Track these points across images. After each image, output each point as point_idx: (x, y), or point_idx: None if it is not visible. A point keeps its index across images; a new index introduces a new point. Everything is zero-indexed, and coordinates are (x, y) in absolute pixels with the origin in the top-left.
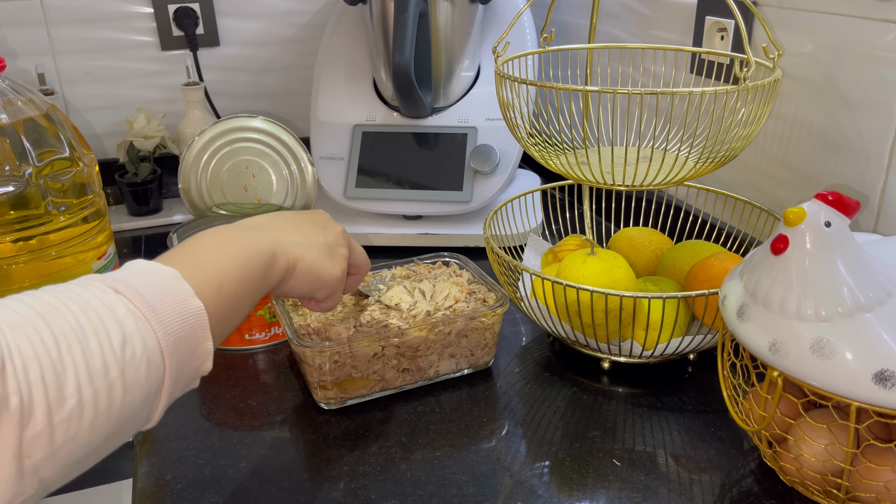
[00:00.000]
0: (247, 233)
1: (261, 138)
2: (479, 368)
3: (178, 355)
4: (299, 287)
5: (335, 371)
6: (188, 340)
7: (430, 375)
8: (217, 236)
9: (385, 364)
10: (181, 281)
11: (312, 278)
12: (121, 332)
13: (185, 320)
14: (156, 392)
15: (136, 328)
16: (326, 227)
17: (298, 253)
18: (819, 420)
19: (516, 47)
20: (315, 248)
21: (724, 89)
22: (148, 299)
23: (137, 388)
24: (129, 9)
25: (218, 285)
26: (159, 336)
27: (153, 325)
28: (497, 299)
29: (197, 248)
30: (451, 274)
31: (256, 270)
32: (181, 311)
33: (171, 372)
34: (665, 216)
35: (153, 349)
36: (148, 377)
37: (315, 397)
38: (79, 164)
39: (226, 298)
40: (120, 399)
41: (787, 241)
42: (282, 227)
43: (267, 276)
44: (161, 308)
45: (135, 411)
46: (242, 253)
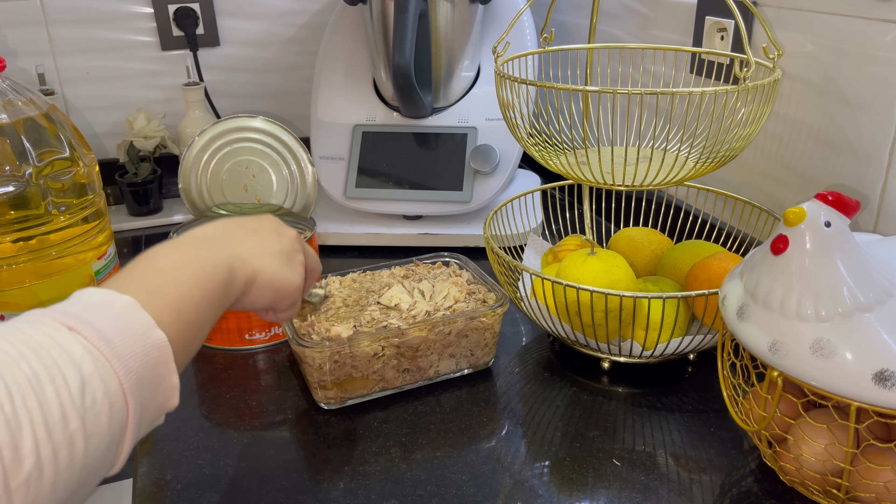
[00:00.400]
0: (201, 247)
1: (261, 138)
2: (479, 368)
3: (141, 394)
4: (260, 300)
5: (335, 371)
6: (152, 376)
7: (430, 375)
8: (171, 255)
9: (385, 364)
10: (139, 310)
11: (273, 290)
12: (79, 375)
13: (148, 355)
14: (119, 437)
15: (96, 369)
16: (281, 234)
17: (257, 265)
18: (819, 420)
19: (516, 47)
20: (273, 258)
21: (724, 89)
22: (105, 334)
23: (100, 436)
24: (129, 9)
25: (178, 311)
26: (121, 376)
27: (113, 363)
28: (497, 299)
29: (150, 270)
30: (450, 274)
31: (215, 290)
32: (142, 344)
33: (135, 413)
34: (665, 216)
35: (115, 391)
36: (110, 423)
37: (315, 397)
38: (79, 164)
39: (186, 324)
40: (81, 452)
41: (787, 241)
42: (236, 237)
43: (226, 292)
44: (120, 343)
45: (98, 461)
46: (200, 272)
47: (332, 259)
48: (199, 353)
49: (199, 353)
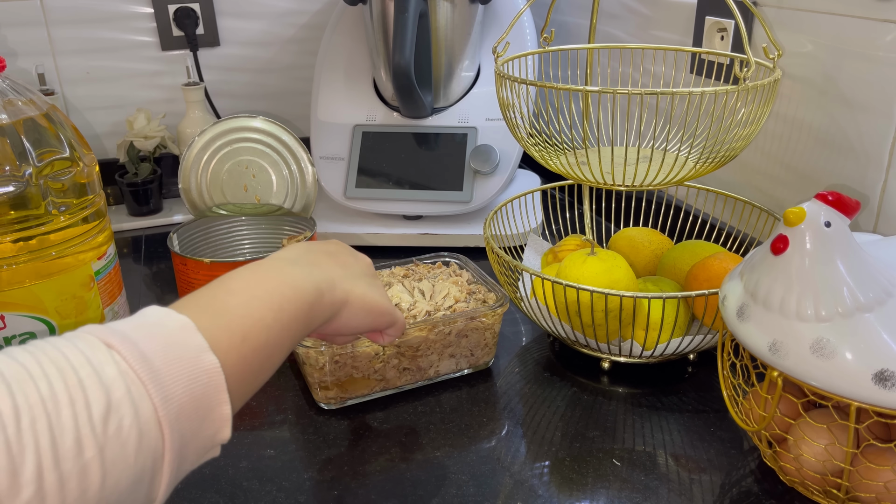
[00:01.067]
0: (285, 269)
1: (261, 138)
2: (479, 368)
3: (183, 425)
4: (356, 322)
5: (336, 371)
6: (198, 406)
7: (430, 375)
8: (247, 276)
9: (385, 364)
10: (194, 332)
11: (367, 310)
12: (105, 399)
13: (195, 381)
14: (152, 471)
15: (127, 392)
16: (357, 257)
17: (348, 287)
18: (819, 420)
19: (516, 47)
20: (361, 280)
21: (724, 89)
22: (147, 355)
23: (123, 468)
24: (129, 9)
25: (242, 335)
26: (156, 402)
27: (149, 388)
28: (497, 299)
29: (221, 291)
30: (450, 274)
31: (295, 313)
32: (189, 369)
33: (173, 445)
34: (665, 216)
35: (147, 418)
36: (139, 454)
37: (315, 397)
38: (79, 164)
39: (252, 350)
40: (98, 484)
41: (787, 241)
42: (320, 260)
43: (310, 316)
44: (163, 366)
45: (122, 495)
46: (277, 293)
47: None
48: None
49: None
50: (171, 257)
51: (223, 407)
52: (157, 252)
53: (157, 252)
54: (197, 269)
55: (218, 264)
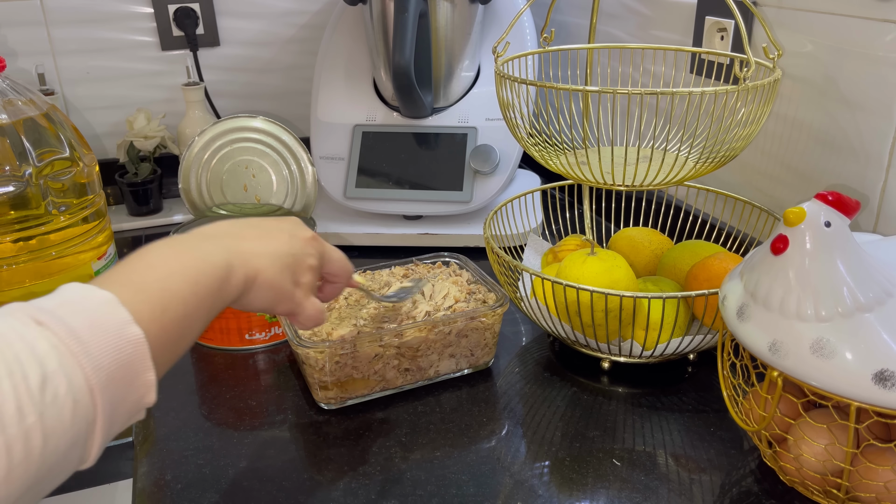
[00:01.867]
0: (200, 244)
1: (261, 138)
2: (479, 368)
3: (112, 391)
4: (259, 301)
5: (336, 371)
6: (125, 373)
7: (430, 375)
8: (164, 250)
9: (385, 364)
10: (117, 306)
11: (273, 292)
12: (40, 371)
13: (122, 351)
14: (86, 433)
15: (60, 365)
16: (294, 235)
17: (259, 264)
18: (819, 420)
19: (516, 47)
20: (278, 259)
21: (724, 89)
22: (75, 330)
23: (61, 432)
24: (129, 9)
25: (162, 308)
26: (88, 372)
27: (80, 359)
28: (497, 299)
29: (140, 266)
30: (450, 274)
31: (209, 286)
32: (115, 341)
33: (105, 410)
34: (665, 216)
35: (80, 387)
36: (74, 419)
37: (315, 397)
38: (79, 164)
39: (171, 322)
40: (39, 447)
41: (787, 241)
42: (243, 235)
43: (222, 290)
44: (91, 339)
45: (60, 457)
46: (192, 267)
47: None
48: (200, 353)
49: (200, 353)
50: None
51: (148, 374)
52: None
53: None
54: None
55: None
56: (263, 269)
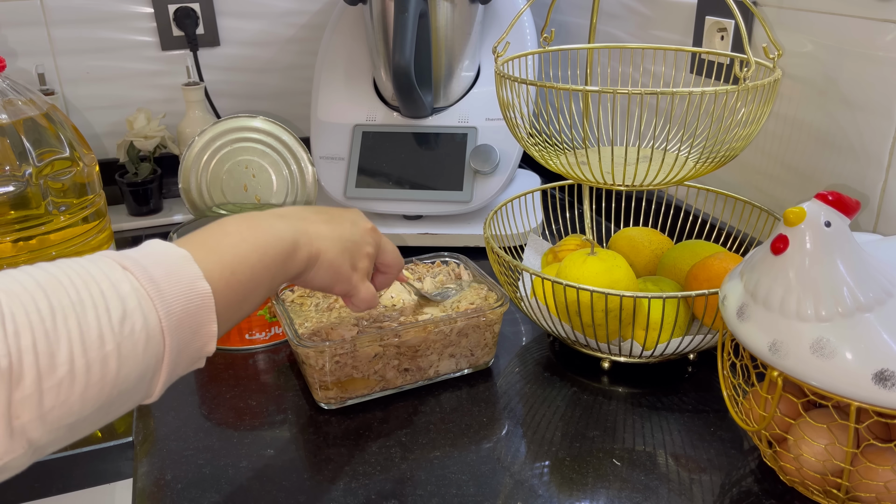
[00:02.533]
0: (272, 220)
1: (261, 138)
2: (479, 368)
3: (179, 335)
4: (319, 280)
5: (336, 371)
6: (192, 321)
7: (430, 375)
8: (240, 221)
9: (386, 364)
10: (191, 263)
11: (333, 272)
12: (121, 307)
13: (191, 301)
14: (154, 369)
15: (139, 304)
16: (356, 224)
17: (322, 246)
18: (819, 420)
19: (516, 47)
20: (340, 243)
21: (724, 89)
22: (154, 277)
23: (134, 363)
24: (129, 9)
25: (231, 270)
26: (161, 314)
27: (156, 303)
28: (497, 299)
29: (217, 232)
30: (449, 273)
31: (276, 258)
32: (187, 291)
33: (171, 350)
34: (665, 216)
35: (153, 326)
36: (146, 353)
37: (315, 397)
38: (79, 164)
39: (238, 283)
40: (114, 372)
41: (787, 241)
42: (310, 218)
43: (287, 264)
44: (166, 287)
45: (131, 385)
46: (262, 239)
47: None
48: None
49: None
50: None
51: (211, 325)
52: None
53: None
54: None
55: None
56: (326, 250)
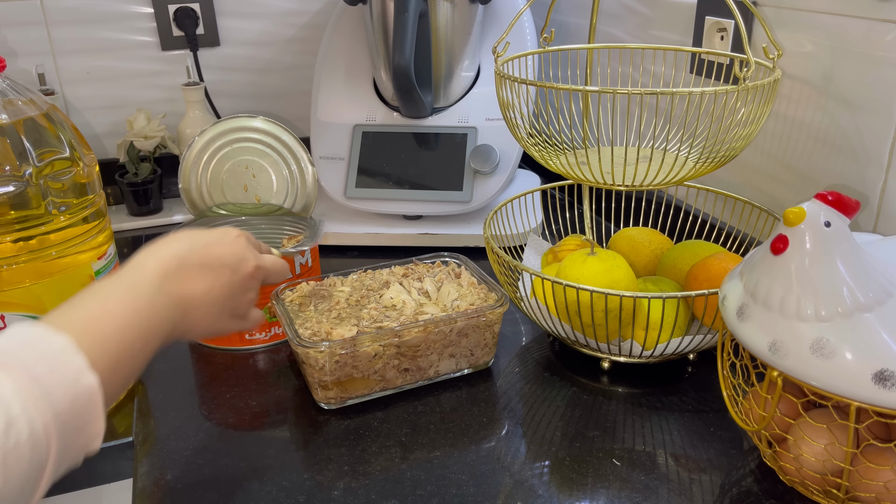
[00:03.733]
0: (155, 297)
1: (261, 138)
2: (479, 368)
3: (65, 437)
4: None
5: (336, 371)
6: (78, 420)
7: (430, 375)
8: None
9: (386, 364)
10: (75, 353)
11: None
12: (5, 416)
13: (78, 397)
14: (36, 478)
15: (23, 410)
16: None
17: (197, 319)
18: (819, 420)
19: (516, 47)
20: (217, 307)
21: (723, 89)
22: (37, 376)
23: (18, 475)
24: (129, 9)
25: (115, 363)
26: (47, 418)
27: (40, 405)
28: (497, 299)
29: (98, 311)
30: (449, 273)
31: (155, 343)
32: (73, 387)
33: (56, 455)
34: (665, 216)
35: (39, 432)
36: (31, 463)
37: (315, 397)
38: (79, 164)
39: (121, 377)
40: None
41: (786, 241)
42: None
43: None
44: (51, 385)
45: (13, 499)
46: (146, 326)
47: (333, 259)
48: (199, 353)
49: (199, 353)
50: None
51: (98, 422)
52: None
53: None
54: None
55: None
56: (198, 324)
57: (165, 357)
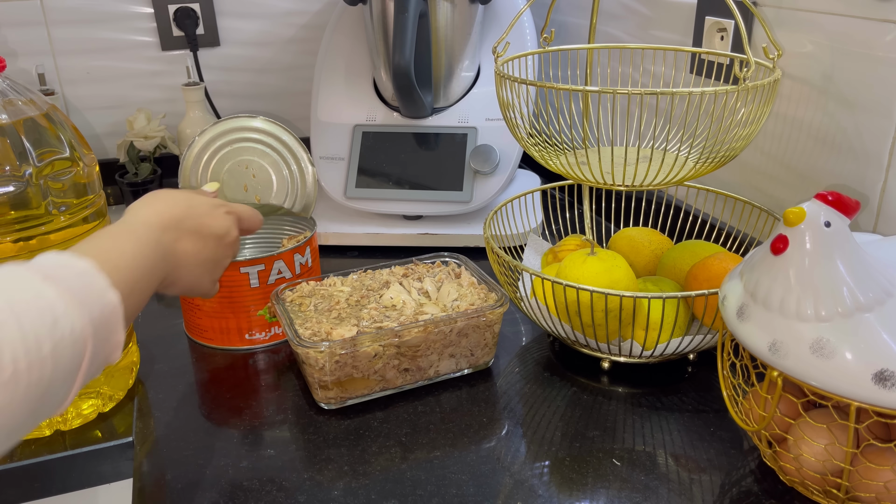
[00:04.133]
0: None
1: (261, 138)
2: (479, 368)
3: (96, 342)
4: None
5: (336, 371)
6: (104, 329)
7: (430, 375)
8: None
9: (385, 364)
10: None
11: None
12: (52, 313)
13: (104, 309)
14: (74, 373)
15: (66, 312)
16: (220, 242)
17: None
18: (819, 420)
19: (516, 47)
20: (199, 267)
21: (723, 89)
22: (72, 287)
23: (64, 366)
24: (129, 9)
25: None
26: (85, 321)
27: (80, 310)
28: (497, 299)
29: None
30: (449, 273)
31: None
32: (100, 301)
33: (90, 357)
34: (665, 216)
35: (78, 332)
36: (72, 357)
37: (315, 397)
38: (79, 164)
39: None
40: (50, 373)
41: (786, 241)
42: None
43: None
44: (84, 297)
45: (58, 387)
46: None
47: (333, 259)
48: (200, 353)
49: (200, 353)
50: None
51: (119, 334)
52: None
53: None
54: None
55: None
56: (183, 278)
57: (165, 357)
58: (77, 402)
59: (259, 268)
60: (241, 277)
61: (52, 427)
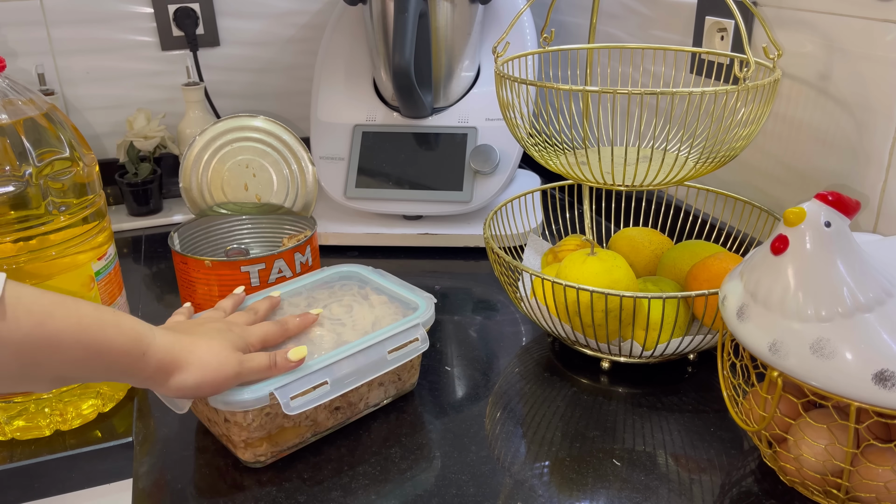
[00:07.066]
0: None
1: (262, 137)
2: (405, 392)
3: None
4: None
5: (266, 424)
6: None
7: (360, 409)
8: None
9: (315, 407)
10: None
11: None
12: None
13: None
14: None
15: None
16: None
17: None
18: (819, 420)
19: (516, 47)
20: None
21: (724, 89)
22: None
23: None
24: (129, 9)
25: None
26: None
27: None
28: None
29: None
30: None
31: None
32: None
33: None
34: (665, 216)
35: None
36: None
37: (242, 458)
38: (79, 164)
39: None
40: None
41: (786, 241)
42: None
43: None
44: None
45: None
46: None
47: (333, 259)
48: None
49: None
50: (171, 257)
51: None
52: (157, 252)
53: (157, 252)
54: (198, 268)
55: (219, 263)
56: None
57: None
58: (77, 402)
59: (260, 267)
60: (241, 276)
61: (52, 427)
